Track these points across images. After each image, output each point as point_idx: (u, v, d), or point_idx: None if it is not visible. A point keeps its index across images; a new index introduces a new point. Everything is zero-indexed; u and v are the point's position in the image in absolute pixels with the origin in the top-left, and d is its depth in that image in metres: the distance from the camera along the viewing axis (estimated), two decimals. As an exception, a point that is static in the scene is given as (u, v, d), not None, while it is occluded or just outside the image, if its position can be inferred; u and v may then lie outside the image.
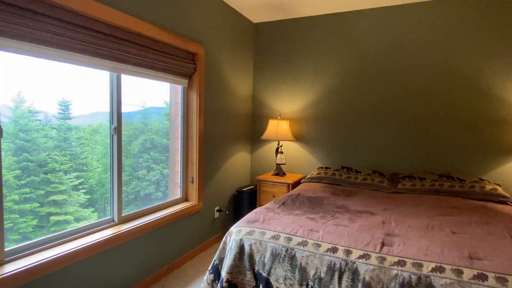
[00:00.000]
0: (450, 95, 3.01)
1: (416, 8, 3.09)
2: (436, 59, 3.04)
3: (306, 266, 1.61)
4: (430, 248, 1.58)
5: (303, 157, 3.70)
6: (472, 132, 2.94)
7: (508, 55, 2.79)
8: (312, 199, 2.52)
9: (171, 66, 2.56)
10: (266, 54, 3.83)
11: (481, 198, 2.57)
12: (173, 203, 2.82)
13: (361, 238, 1.70)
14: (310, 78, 3.61)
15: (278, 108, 3.81)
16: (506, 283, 1.31)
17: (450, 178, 2.80)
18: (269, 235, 1.80)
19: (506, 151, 2.84)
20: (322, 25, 3.51)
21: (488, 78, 2.87)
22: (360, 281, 1.47)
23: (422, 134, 3.13)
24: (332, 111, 3.51)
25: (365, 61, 3.34)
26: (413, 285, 1.39)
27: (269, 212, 2.13)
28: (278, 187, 3.36)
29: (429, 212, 2.23)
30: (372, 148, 3.35)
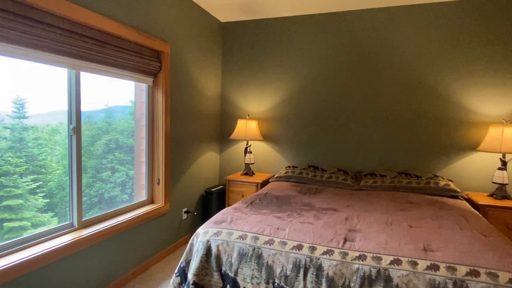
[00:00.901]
0: (410, 99, 3.19)
1: (384, 13, 3.23)
2: (400, 65, 3.20)
3: (272, 264, 1.64)
4: (389, 242, 1.67)
5: (272, 156, 3.75)
6: (429, 132, 3.14)
7: (460, 66, 3.01)
8: (279, 198, 2.56)
9: (134, 63, 2.48)
10: (234, 54, 3.83)
11: (435, 193, 2.75)
12: (138, 206, 2.74)
13: (325, 235, 1.75)
14: (278, 78, 3.65)
15: (246, 108, 3.82)
16: (455, 272, 1.41)
17: (408, 175, 2.97)
18: (236, 235, 1.80)
19: (458, 149, 3.07)
20: (290, 27, 3.57)
21: (444, 85, 3.08)
22: (324, 276, 1.52)
23: (383, 134, 3.29)
24: (300, 112, 3.59)
25: (332, 64, 3.44)
26: (373, 278, 1.46)
27: (236, 212, 2.13)
28: (247, 187, 3.37)
29: (388, 207, 2.35)
30: (337, 147, 3.46)
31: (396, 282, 1.42)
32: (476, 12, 2.94)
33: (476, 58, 2.97)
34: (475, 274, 1.38)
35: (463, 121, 3.04)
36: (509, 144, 2.64)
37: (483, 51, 2.94)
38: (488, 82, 2.95)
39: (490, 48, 2.93)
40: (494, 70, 2.93)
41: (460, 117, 3.04)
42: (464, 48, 3.00)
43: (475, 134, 3.00)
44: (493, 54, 2.92)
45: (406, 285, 1.41)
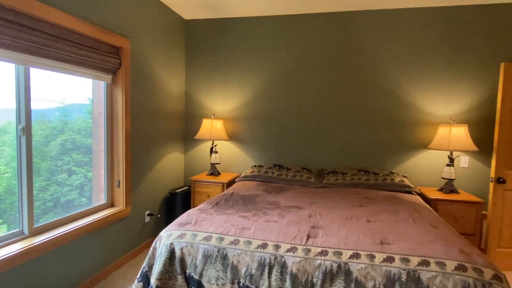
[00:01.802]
0: (370, 100, 3.35)
1: (348, 17, 3.35)
2: (361, 68, 3.35)
3: (237, 264, 1.64)
4: (349, 237, 1.74)
5: (238, 156, 3.75)
6: (386, 131, 3.32)
7: (415, 71, 3.22)
8: (245, 197, 2.57)
9: (91, 60, 2.35)
10: (198, 52, 3.77)
11: (391, 189, 2.92)
12: (98, 209, 2.60)
13: (289, 232, 1.79)
14: (244, 78, 3.66)
15: (212, 107, 3.78)
16: (408, 262, 1.51)
17: (367, 172, 3.12)
18: (201, 236, 1.78)
19: (411, 148, 3.28)
20: (256, 27, 3.59)
21: (401, 88, 3.27)
22: (288, 273, 1.55)
23: (344, 133, 3.42)
24: (265, 111, 3.62)
25: (296, 64, 3.51)
26: (334, 273, 1.52)
27: (201, 213, 2.11)
28: (212, 187, 3.34)
29: (349, 203, 2.45)
30: (301, 146, 3.54)
31: (356, 275, 1.49)
32: (431, 21, 3.16)
33: (429, 64, 3.19)
34: (426, 264, 1.49)
35: (416, 122, 3.25)
36: (456, 143, 2.87)
37: (435, 57, 3.17)
38: (438, 85, 3.18)
39: (441, 55, 3.16)
40: (443, 75, 3.16)
41: (414, 117, 3.25)
42: (419, 54, 3.20)
43: (426, 133, 3.23)
44: (444, 60, 3.15)
45: (365, 278, 1.48)
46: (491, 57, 3.05)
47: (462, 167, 3.17)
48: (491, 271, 1.44)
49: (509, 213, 2.74)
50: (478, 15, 3.05)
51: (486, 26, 3.04)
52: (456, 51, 3.12)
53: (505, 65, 2.63)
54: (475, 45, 3.07)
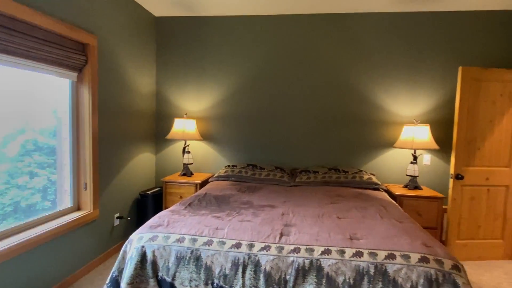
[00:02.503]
0: (339, 101, 3.45)
1: (318, 19, 3.42)
2: (332, 69, 3.44)
3: (211, 265, 1.63)
4: (320, 233, 1.79)
5: (211, 156, 3.72)
6: (355, 131, 3.44)
7: (382, 72, 3.36)
8: (219, 197, 2.56)
9: (54, 56, 2.22)
10: (170, 50, 3.69)
11: (360, 186, 3.03)
12: (63, 213, 2.48)
13: (263, 231, 1.81)
14: (217, 77, 3.64)
15: (184, 106, 3.72)
16: (376, 256, 1.58)
17: (337, 170, 3.22)
18: (173, 238, 1.75)
19: (378, 146, 3.42)
20: (229, 26, 3.57)
21: (369, 89, 3.40)
22: (261, 272, 1.57)
23: (316, 133, 3.50)
24: (239, 111, 3.62)
25: (269, 64, 3.54)
26: (306, 269, 1.55)
27: (174, 215, 2.07)
28: (185, 188, 3.29)
29: (320, 201, 2.52)
30: (275, 145, 3.58)
31: (327, 270, 1.54)
32: (396, 26, 3.31)
33: (395, 67, 3.34)
34: (392, 257, 1.56)
35: (382, 121, 3.40)
36: (419, 141, 3.03)
37: (400, 61, 3.33)
38: (403, 88, 3.34)
39: (405, 59, 3.32)
40: (407, 77, 3.33)
41: (380, 117, 3.40)
42: (386, 57, 3.35)
43: (392, 133, 3.39)
44: (408, 64, 3.32)
45: (335, 273, 1.53)
46: (450, 61, 3.25)
47: (425, 165, 3.36)
48: (450, 262, 1.54)
49: (467, 207, 2.94)
50: (437, 22, 3.24)
51: (445, 32, 3.24)
52: (418, 55, 3.30)
53: (463, 69, 2.81)
54: (435, 50, 3.26)
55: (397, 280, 1.49)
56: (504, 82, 2.88)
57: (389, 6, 3.15)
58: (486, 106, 2.88)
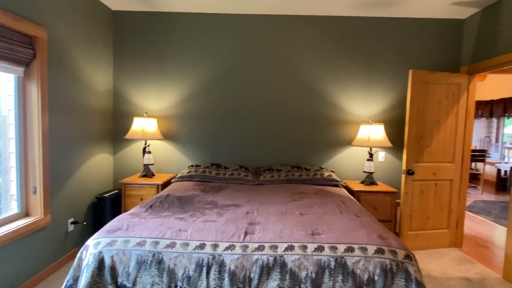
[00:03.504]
0: (300, 100, 3.54)
1: (281, 20, 3.47)
2: (294, 70, 3.51)
3: (174, 267, 1.59)
4: (284, 230, 1.82)
5: (174, 156, 3.63)
6: (316, 130, 3.56)
7: (340, 74, 3.50)
8: (182, 198, 2.50)
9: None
10: (129, 46, 3.54)
11: (321, 183, 3.14)
12: (8, 220, 2.27)
13: (228, 231, 1.80)
14: (179, 75, 3.55)
15: (144, 105, 3.59)
16: (336, 250, 1.64)
17: (300, 168, 3.30)
18: (133, 242, 1.69)
19: (338, 144, 3.57)
20: (191, 23, 3.50)
21: (328, 90, 3.52)
22: (226, 271, 1.56)
23: (279, 132, 3.57)
24: (202, 110, 3.57)
25: (232, 63, 3.53)
26: (270, 266, 1.58)
27: (134, 218, 1.99)
28: (146, 189, 3.18)
29: (284, 199, 2.57)
30: (239, 144, 3.59)
31: (290, 266, 1.57)
32: (351, 29, 3.46)
33: (351, 68, 3.50)
34: (351, 250, 1.64)
35: (341, 121, 3.55)
36: (374, 140, 3.21)
37: (356, 63, 3.49)
38: (359, 88, 3.51)
39: (361, 61, 3.49)
40: (363, 79, 3.51)
41: (339, 117, 3.55)
42: (343, 59, 3.49)
43: (350, 132, 3.55)
44: (363, 66, 3.49)
45: (298, 268, 1.57)
46: (401, 64, 3.48)
47: (380, 162, 3.56)
48: (403, 252, 1.65)
49: (417, 201, 3.17)
50: (389, 27, 3.45)
51: (396, 37, 3.46)
52: (372, 58, 3.49)
53: (413, 71, 3.03)
54: (388, 53, 3.48)
55: (356, 271, 1.57)
56: (448, 85, 3.15)
57: (344, 10, 3.30)
58: (433, 106, 3.12)
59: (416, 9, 3.22)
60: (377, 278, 1.55)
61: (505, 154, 7.32)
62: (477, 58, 3.18)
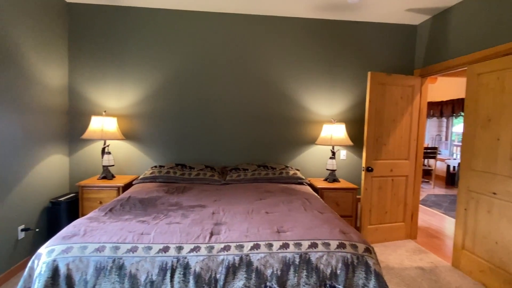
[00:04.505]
0: (265, 101, 3.57)
1: (247, 20, 3.46)
2: (258, 70, 3.53)
3: (136, 272, 1.53)
4: (250, 229, 1.83)
5: (135, 156, 3.49)
6: (281, 129, 3.61)
7: (304, 74, 3.58)
8: (144, 200, 2.42)
9: None
10: (86, 41, 3.34)
11: (286, 181, 3.19)
12: None
13: (193, 232, 1.77)
14: (141, 73, 3.42)
15: (103, 103, 3.41)
16: (300, 247, 1.68)
17: (266, 167, 3.33)
18: (91, 248, 1.60)
19: (302, 143, 3.65)
20: (155, 19, 3.39)
21: (292, 90, 3.58)
22: (191, 274, 1.53)
23: (245, 131, 3.57)
24: (166, 109, 3.47)
25: (196, 62, 3.47)
26: (236, 266, 1.57)
27: (92, 222, 1.89)
28: (106, 192, 3.03)
29: (250, 198, 2.58)
30: (204, 144, 3.54)
31: (256, 265, 1.58)
32: (314, 31, 3.55)
33: (314, 69, 3.59)
34: (315, 246, 1.68)
35: (305, 120, 3.63)
36: (336, 139, 3.33)
37: (319, 64, 3.59)
38: (322, 89, 3.62)
39: (323, 62, 3.60)
40: (325, 79, 3.62)
41: (303, 116, 3.63)
42: (307, 60, 3.58)
43: (313, 131, 3.65)
44: (325, 67, 3.60)
45: (264, 266, 1.58)
46: (361, 66, 3.64)
47: (342, 159, 3.70)
48: (363, 246, 1.73)
49: (376, 196, 3.34)
50: (349, 30, 3.60)
51: (356, 40, 3.61)
52: (334, 60, 3.61)
53: (371, 73, 3.18)
54: (348, 55, 3.62)
55: (319, 266, 1.61)
56: (403, 87, 3.34)
57: (308, 12, 3.38)
58: (390, 107, 3.30)
59: (374, 14, 3.39)
60: (339, 272, 1.61)
61: (454, 151, 7.95)
62: (428, 62, 3.41)
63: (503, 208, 2.41)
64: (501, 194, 2.42)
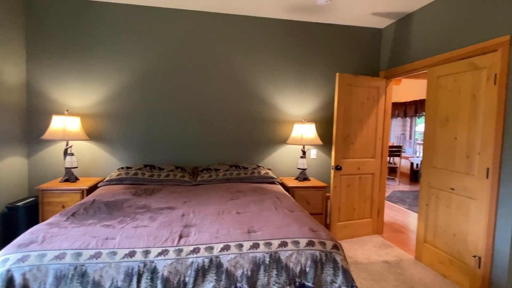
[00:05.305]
0: (237, 100, 3.55)
1: (220, 19, 3.42)
2: (230, 70, 3.50)
3: (100, 279, 1.47)
4: (220, 230, 1.81)
5: (101, 157, 3.34)
6: (252, 129, 3.61)
7: (276, 75, 3.60)
8: (110, 203, 2.32)
9: None
10: (46, 36, 3.15)
11: (258, 181, 3.20)
12: None
13: (161, 235, 1.72)
14: (107, 70, 3.28)
15: (65, 102, 3.23)
16: (270, 246, 1.69)
17: (238, 167, 3.32)
18: (51, 256, 1.51)
19: (274, 143, 3.68)
20: (122, 14, 3.26)
21: (263, 90, 3.60)
22: (159, 278, 1.49)
23: (216, 131, 3.53)
24: (133, 108, 3.36)
25: (167, 60, 3.38)
26: (206, 268, 1.55)
27: (52, 228, 1.78)
28: (69, 196, 2.87)
29: (221, 198, 2.55)
30: (174, 145, 3.46)
31: (226, 266, 1.57)
32: (285, 32, 3.59)
33: (285, 70, 3.63)
34: (284, 245, 1.70)
35: (277, 120, 3.66)
36: (306, 138, 3.38)
37: (290, 65, 3.64)
38: (292, 89, 3.67)
39: (294, 63, 3.65)
40: (296, 80, 3.67)
41: (275, 116, 3.66)
42: (278, 61, 3.61)
43: (285, 130, 3.69)
44: (296, 68, 3.65)
45: (234, 267, 1.57)
46: (330, 67, 3.73)
47: (312, 158, 3.78)
48: (331, 243, 1.77)
49: (345, 193, 3.43)
50: (319, 32, 3.68)
51: (325, 41, 3.70)
52: (305, 61, 3.67)
53: (339, 75, 3.26)
54: (318, 57, 3.70)
55: (289, 265, 1.63)
56: (369, 88, 3.47)
57: (278, 13, 3.41)
58: (357, 107, 3.41)
59: (342, 17, 3.48)
60: (308, 269, 1.64)
61: (417, 149, 8.38)
62: (393, 64, 3.56)
63: (460, 202, 2.57)
64: (459, 190, 2.58)
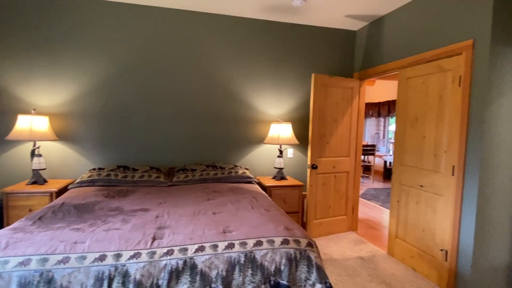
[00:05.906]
0: (213, 100, 3.53)
1: (193, 16, 3.37)
2: (205, 69, 3.46)
3: (68, 285, 1.41)
4: (195, 231, 1.80)
5: (71, 159, 3.21)
6: (229, 129, 3.60)
7: (253, 75, 3.60)
8: (80, 206, 2.24)
9: None
10: (11, 32, 2.98)
11: (235, 180, 3.20)
12: None
13: (133, 238, 1.68)
14: (77, 67, 3.16)
15: (31, 100, 3.08)
16: (246, 245, 1.69)
17: (214, 167, 3.30)
18: (14, 262, 1.43)
19: (251, 142, 3.69)
20: (92, 10, 3.14)
21: (240, 90, 3.59)
22: (131, 282, 1.46)
23: (192, 131, 3.49)
24: (105, 106, 3.25)
25: (140, 58, 3.30)
26: (180, 270, 1.53)
27: (17, 233, 1.69)
28: (37, 199, 2.74)
29: (197, 199, 2.53)
30: (149, 145, 3.39)
31: (200, 267, 1.55)
32: (263, 32, 3.60)
33: (262, 70, 3.64)
34: (260, 244, 1.71)
35: (254, 120, 3.67)
36: (283, 138, 3.42)
37: (266, 65, 3.65)
38: (269, 89, 3.69)
39: (270, 63, 3.67)
40: (273, 80, 3.69)
41: (252, 116, 3.67)
42: (255, 61, 3.61)
43: (262, 130, 3.71)
44: (272, 68, 3.68)
45: (209, 268, 1.56)
46: (305, 67, 3.79)
47: (289, 158, 3.82)
48: (306, 240, 1.80)
49: (320, 192, 3.50)
50: (295, 33, 3.72)
51: (301, 42, 3.75)
52: (282, 61, 3.70)
53: (315, 75, 3.32)
54: (295, 57, 3.74)
55: (264, 264, 1.64)
56: (343, 88, 3.55)
57: (254, 13, 3.42)
58: (332, 107, 3.48)
59: (317, 18, 3.54)
60: (283, 267, 1.65)
61: (390, 148, 8.67)
62: (366, 65, 3.67)
63: (429, 199, 2.68)
64: (427, 187, 2.70)
